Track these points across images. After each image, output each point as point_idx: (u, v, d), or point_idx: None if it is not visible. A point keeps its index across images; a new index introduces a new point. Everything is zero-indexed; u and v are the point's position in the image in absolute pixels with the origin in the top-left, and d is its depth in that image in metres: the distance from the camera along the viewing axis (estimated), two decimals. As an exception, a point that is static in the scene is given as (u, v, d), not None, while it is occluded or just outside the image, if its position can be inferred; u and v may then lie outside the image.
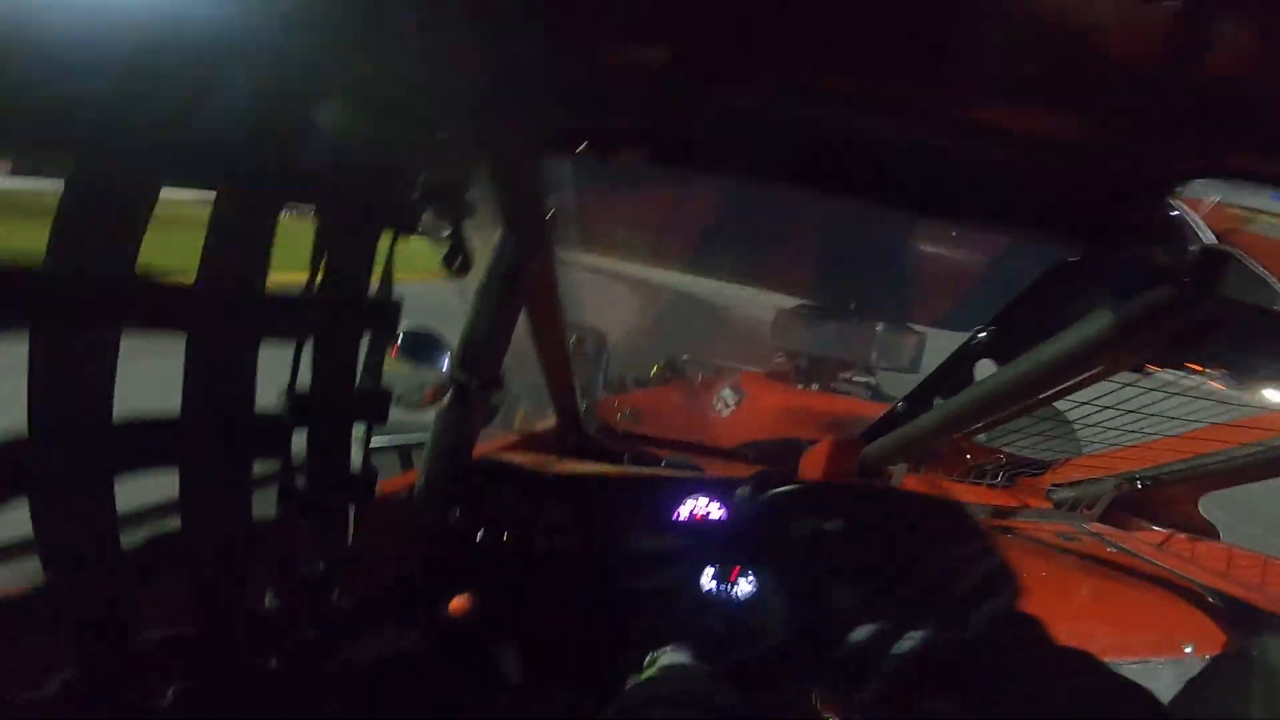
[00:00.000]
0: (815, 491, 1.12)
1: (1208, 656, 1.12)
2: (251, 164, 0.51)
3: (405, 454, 1.54)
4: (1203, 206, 0.62)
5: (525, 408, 1.85)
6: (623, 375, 3.16)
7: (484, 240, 0.99)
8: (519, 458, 1.27)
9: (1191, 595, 1.25)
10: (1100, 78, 0.48)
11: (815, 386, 2.30)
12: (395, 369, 1.03)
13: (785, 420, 1.96)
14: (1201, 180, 0.60)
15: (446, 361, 1.03)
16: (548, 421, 1.67)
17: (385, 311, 0.71)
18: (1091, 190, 0.67)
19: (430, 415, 1.08)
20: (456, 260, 0.74)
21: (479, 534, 1.07)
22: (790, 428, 1.86)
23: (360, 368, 0.70)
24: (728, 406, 2.22)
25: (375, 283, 0.69)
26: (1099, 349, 0.80)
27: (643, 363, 3.22)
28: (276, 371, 0.63)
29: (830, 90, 0.59)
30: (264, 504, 0.62)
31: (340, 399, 0.69)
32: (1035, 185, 0.68)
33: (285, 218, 0.55)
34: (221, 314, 0.52)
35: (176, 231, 0.59)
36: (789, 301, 2.45)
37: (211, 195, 0.50)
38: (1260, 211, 0.60)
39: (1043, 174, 0.66)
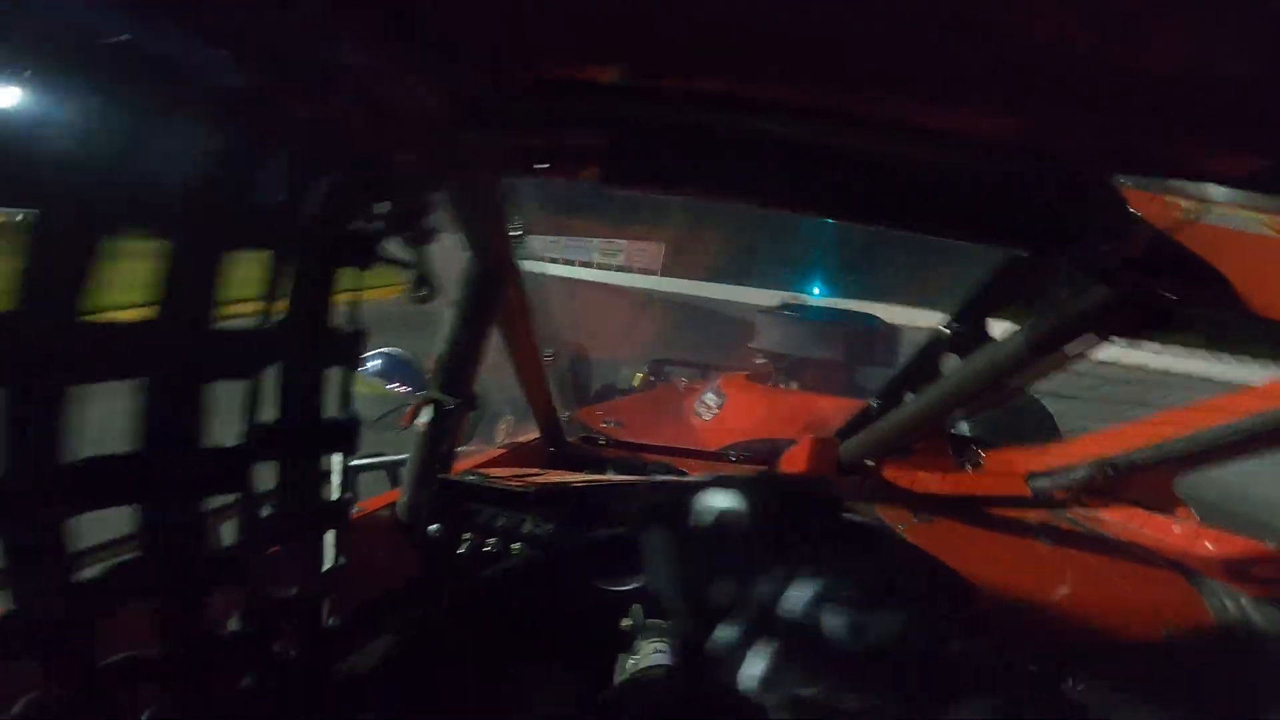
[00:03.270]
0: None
1: (1184, 636, 1.14)
2: (199, 210, 0.52)
3: (394, 472, 1.55)
4: (1150, 200, 0.64)
5: (507, 422, 1.86)
6: (608, 384, 3.18)
7: (454, 262, 1.00)
8: (500, 471, 1.27)
9: (1167, 577, 1.27)
10: (1036, 76, 0.49)
11: (795, 386, 2.32)
12: (375, 392, 1.04)
13: (765, 421, 1.98)
14: (1145, 175, 0.62)
15: (423, 382, 1.04)
16: (530, 434, 1.68)
17: (349, 341, 0.71)
18: (1033, 188, 0.69)
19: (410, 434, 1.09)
20: (421, 289, 0.75)
21: (461, 547, 1.08)
22: (771, 428, 1.88)
23: (326, 398, 0.70)
24: (709, 410, 2.24)
25: (338, 312, 0.69)
26: (1052, 341, 0.82)
27: (626, 372, 3.24)
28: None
29: (774, 103, 0.61)
30: (229, 534, 0.62)
31: (307, 429, 0.69)
32: (976, 187, 0.70)
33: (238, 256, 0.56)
34: (172, 354, 0.53)
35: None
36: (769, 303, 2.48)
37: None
38: (1212, 202, 0.62)
39: (984, 175, 0.68)
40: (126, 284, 0.51)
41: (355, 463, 1.47)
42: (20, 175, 0.40)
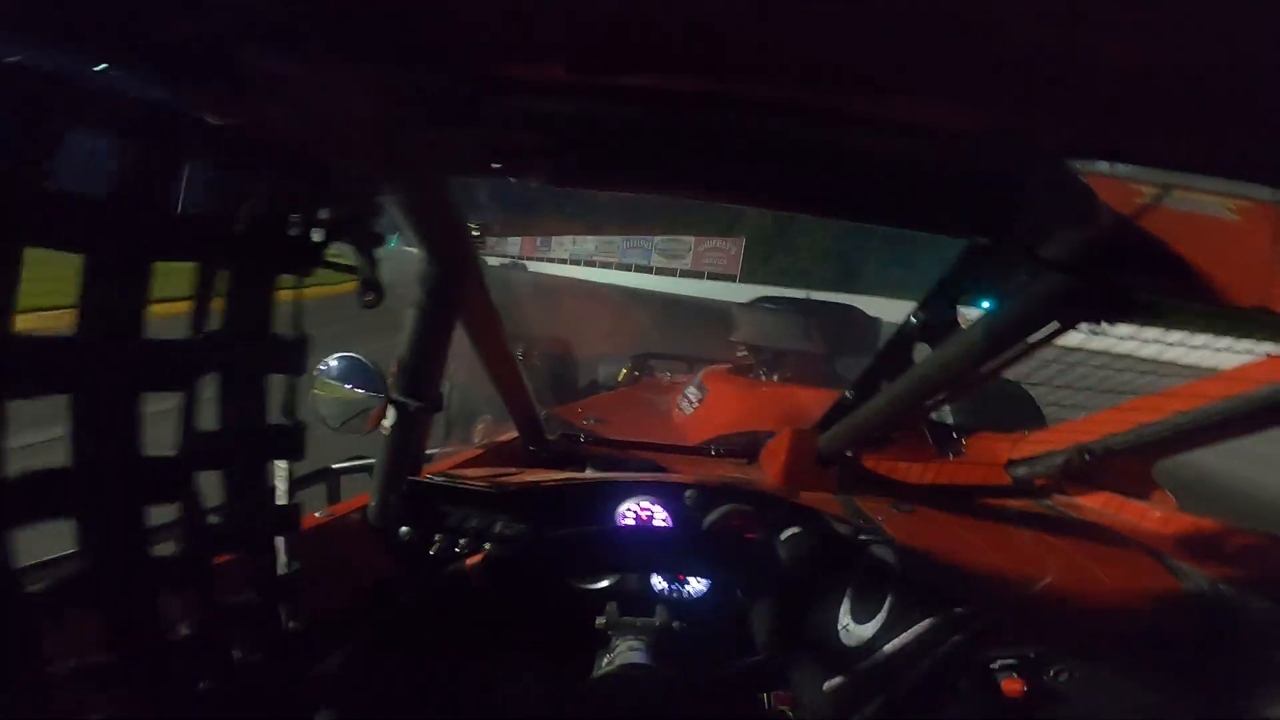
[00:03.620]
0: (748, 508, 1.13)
1: (1163, 623, 1.14)
2: (124, 220, 0.51)
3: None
4: (1110, 185, 0.64)
5: (485, 421, 1.85)
6: (592, 381, 3.18)
7: (409, 263, 0.99)
8: (476, 471, 1.26)
9: (1146, 563, 1.28)
10: (993, 64, 0.48)
11: (775, 378, 2.31)
12: (337, 396, 1.03)
13: (747, 414, 1.97)
14: (1104, 160, 0.61)
15: (385, 385, 1.03)
16: (509, 433, 1.67)
17: (291, 348, 0.70)
18: (991, 176, 0.68)
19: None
20: (369, 293, 0.74)
21: (432, 548, 1.07)
22: (753, 420, 1.87)
23: (267, 405, 0.69)
24: (691, 404, 2.23)
25: (281, 318, 0.68)
26: (1018, 328, 0.81)
27: (611, 367, 3.23)
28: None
29: (724, 97, 0.60)
30: (172, 543, 0.62)
31: (248, 437, 0.68)
32: (934, 176, 0.69)
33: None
34: (103, 367, 0.52)
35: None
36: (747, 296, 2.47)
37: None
38: (1173, 188, 0.61)
39: (942, 164, 0.67)
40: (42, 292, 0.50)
41: (337, 466, 1.46)
42: None
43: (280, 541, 0.74)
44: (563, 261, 30.38)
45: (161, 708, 0.60)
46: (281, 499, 0.74)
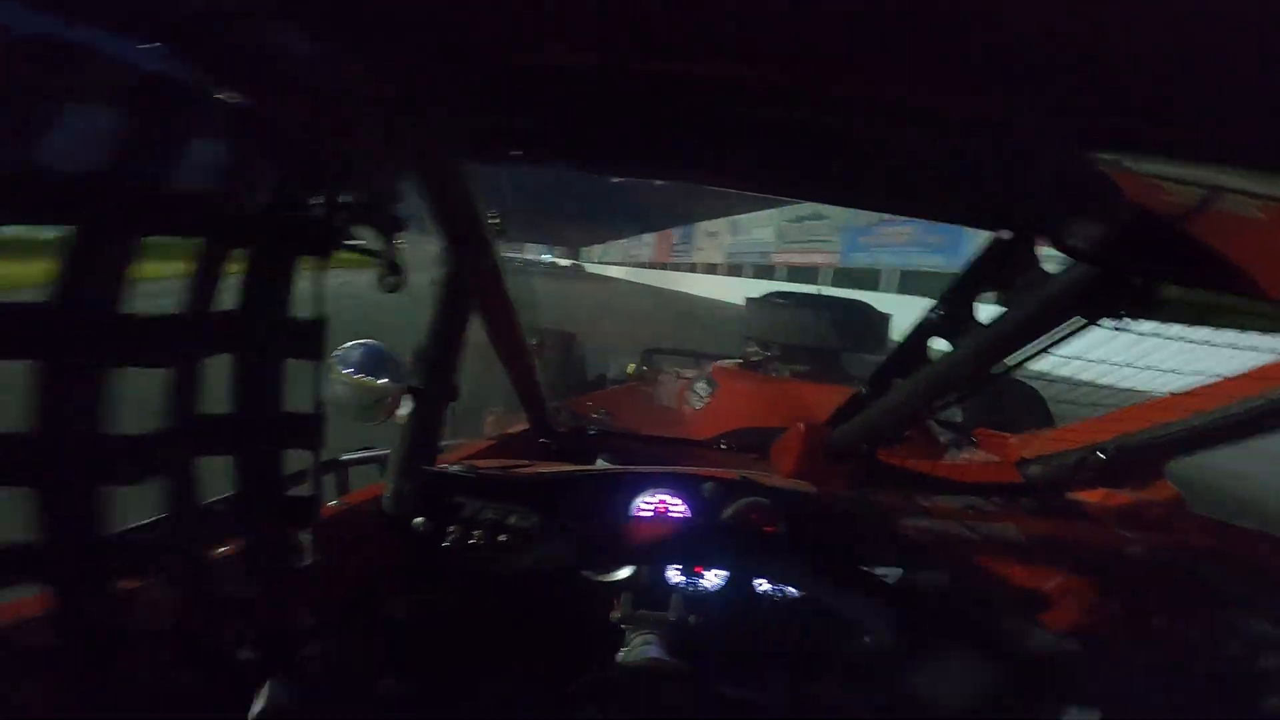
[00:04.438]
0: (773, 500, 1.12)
1: (1178, 623, 1.14)
2: (118, 198, 0.50)
3: (383, 465, 1.55)
4: (1134, 180, 0.63)
5: (496, 412, 1.85)
6: (600, 374, 3.18)
7: (429, 251, 0.99)
8: (488, 462, 1.27)
9: (1160, 563, 1.27)
10: (1016, 55, 0.48)
11: (786, 374, 2.31)
12: (354, 383, 1.03)
13: (757, 409, 1.97)
14: (1128, 154, 0.61)
15: (402, 373, 1.03)
16: (519, 424, 1.67)
17: (309, 332, 0.69)
18: (1014, 168, 0.68)
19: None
20: (389, 278, 0.74)
21: (446, 539, 1.07)
22: (763, 416, 1.87)
23: (285, 391, 0.68)
24: (701, 399, 2.23)
25: (300, 302, 0.67)
26: (1038, 323, 0.81)
27: (620, 361, 3.23)
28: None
29: (750, 84, 0.59)
30: (165, 531, 0.60)
31: (260, 423, 0.67)
32: (957, 167, 0.68)
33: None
34: (75, 335, 0.50)
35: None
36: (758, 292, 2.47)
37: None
38: (1200, 182, 0.61)
39: (964, 155, 0.67)
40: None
41: (346, 457, 1.46)
42: None
43: (292, 533, 0.73)
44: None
45: (155, 704, 0.58)
46: (296, 489, 0.73)
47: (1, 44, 0.41)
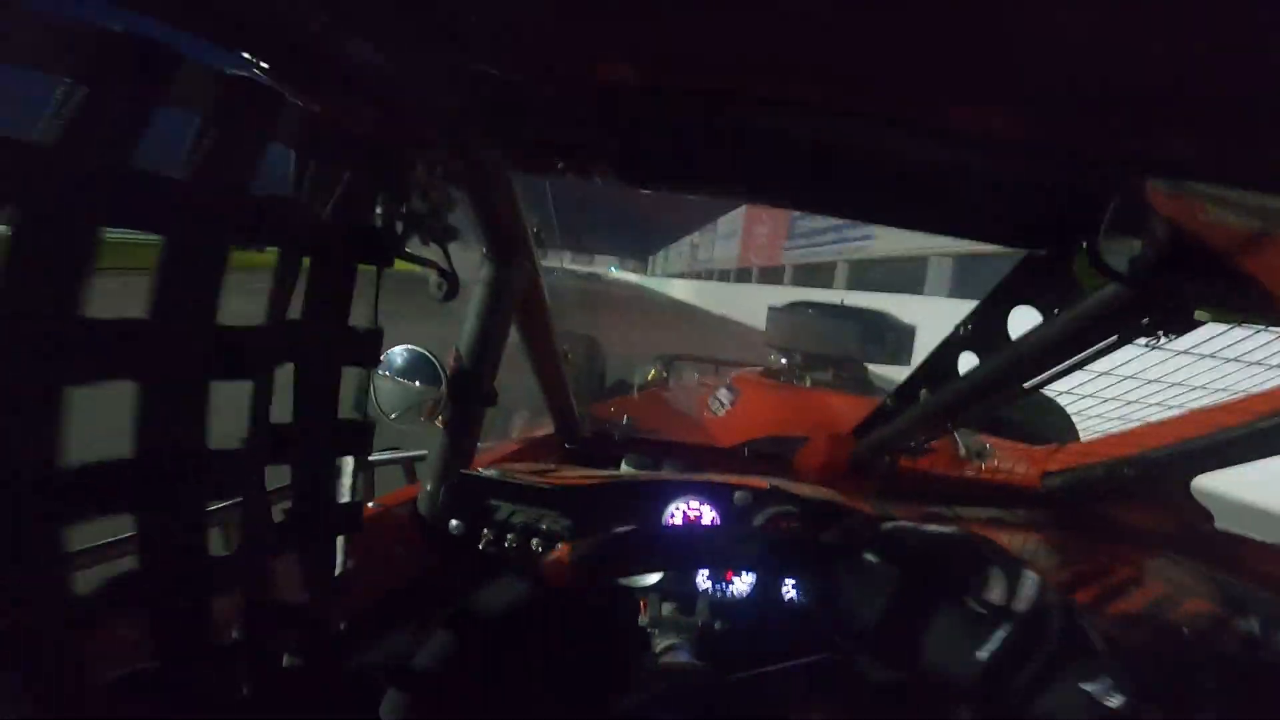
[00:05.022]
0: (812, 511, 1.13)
1: (1203, 638, 1.14)
2: (205, 205, 0.50)
3: (410, 468, 1.57)
4: (1174, 200, 0.64)
5: (522, 417, 1.87)
6: (621, 380, 3.20)
7: (472, 259, 1.02)
8: (517, 466, 1.29)
9: (1185, 578, 1.27)
10: (1056, 74, 0.49)
11: (808, 383, 2.32)
12: (397, 387, 1.06)
13: (779, 418, 1.98)
14: (1170, 175, 0.62)
15: (442, 378, 1.05)
16: (547, 429, 1.69)
17: (367, 340, 0.70)
18: (1053, 187, 0.69)
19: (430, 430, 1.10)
20: (444, 286, 0.75)
21: (481, 542, 1.09)
22: (784, 425, 1.88)
23: (340, 398, 0.69)
24: (723, 406, 2.24)
25: (359, 310, 0.69)
26: (1072, 342, 0.82)
27: (641, 368, 3.25)
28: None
29: (790, 101, 0.61)
30: (233, 538, 0.60)
31: (321, 430, 0.68)
32: (995, 186, 0.70)
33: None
34: (176, 352, 0.50)
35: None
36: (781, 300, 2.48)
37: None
38: (1238, 204, 0.61)
39: (1003, 174, 0.68)
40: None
41: (373, 458, 1.49)
42: (13, 171, 0.38)
43: (340, 541, 0.74)
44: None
45: (203, 712, 0.58)
46: (345, 496, 0.74)
47: (97, 44, 0.40)
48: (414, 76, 0.60)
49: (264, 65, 0.54)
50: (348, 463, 0.77)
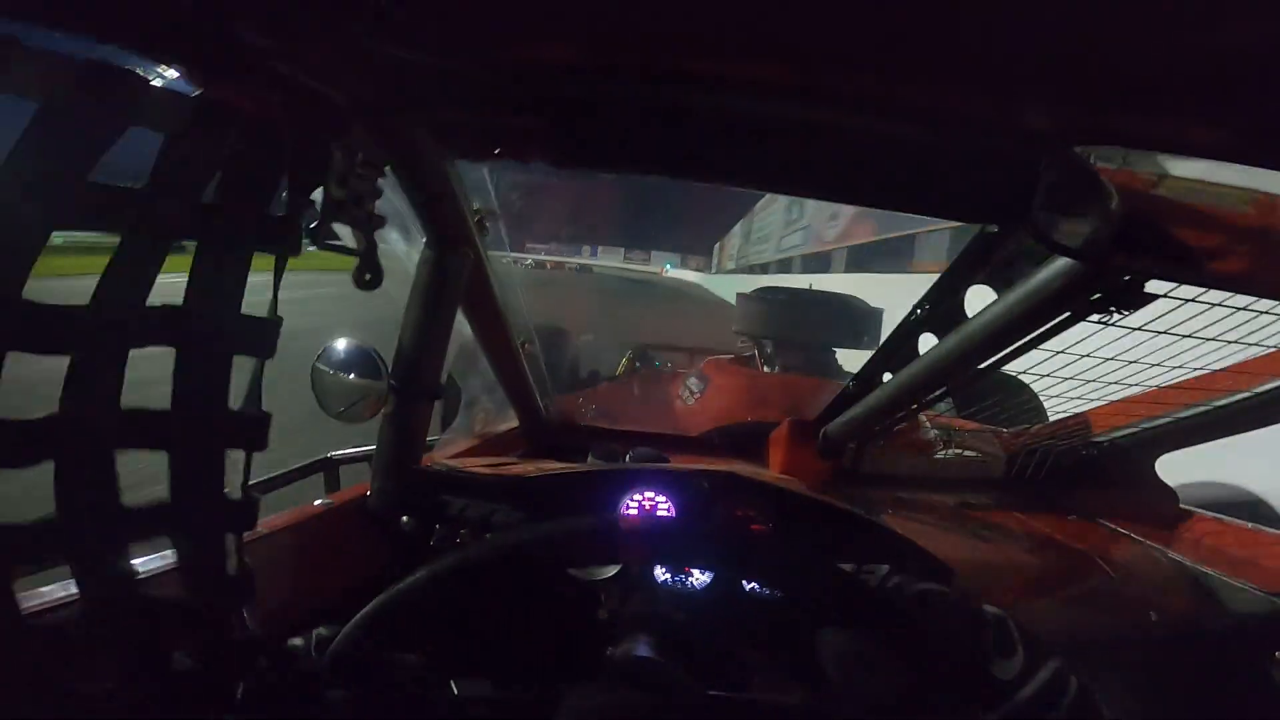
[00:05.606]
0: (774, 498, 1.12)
1: (1166, 618, 1.14)
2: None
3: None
4: (1122, 175, 0.63)
5: (485, 411, 1.84)
6: (592, 370, 3.17)
7: (411, 248, 0.98)
8: (476, 461, 1.26)
9: (1149, 559, 1.27)
10: (1001, 49, 0.47)
11: (777, 369, 2.31)
12: (337, 382, 1.02)
13: (747, 404, 1.97)
14: (1117, 147, 0.60)
15: (384, 372, 1.02)
16: (509, 422, 1.66)
17: (260, 329, 0.66)
18: (1000, 162, 0.67)
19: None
20: (365, 275, 0.72)
21: (433, 538, 1.06)
22: (753, 411, 1.87)
23: (227, 389, 0.66)
24: (692, 394, 2.23)
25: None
26: (1026, 319, 0.80)
27: (612, 357, 3.23)
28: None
29: (732, 78, 0.59)
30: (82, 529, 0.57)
31: (199, 421, 0.64)
32: (942, 160, 0.68)
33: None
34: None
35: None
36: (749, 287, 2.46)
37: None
38: (1189, 178, 0.60)
39: (949, 149, 0.66)
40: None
41: (336, 456, 1.45)
42: None
43: (231, 539, 0.70)
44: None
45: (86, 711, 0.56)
46: (236, 493, 0.69)
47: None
48: (311, 60, 0.56)
49: (159, 50, 0.52)
50: (238, 457, 0.72)
